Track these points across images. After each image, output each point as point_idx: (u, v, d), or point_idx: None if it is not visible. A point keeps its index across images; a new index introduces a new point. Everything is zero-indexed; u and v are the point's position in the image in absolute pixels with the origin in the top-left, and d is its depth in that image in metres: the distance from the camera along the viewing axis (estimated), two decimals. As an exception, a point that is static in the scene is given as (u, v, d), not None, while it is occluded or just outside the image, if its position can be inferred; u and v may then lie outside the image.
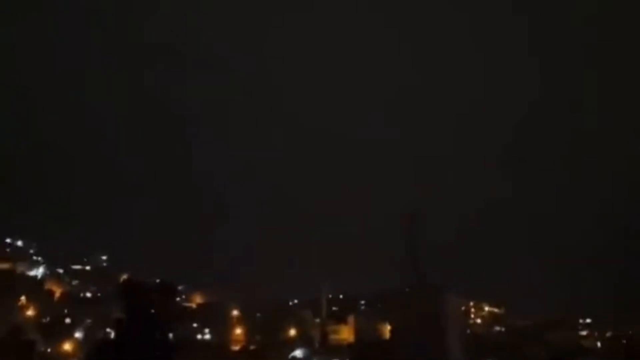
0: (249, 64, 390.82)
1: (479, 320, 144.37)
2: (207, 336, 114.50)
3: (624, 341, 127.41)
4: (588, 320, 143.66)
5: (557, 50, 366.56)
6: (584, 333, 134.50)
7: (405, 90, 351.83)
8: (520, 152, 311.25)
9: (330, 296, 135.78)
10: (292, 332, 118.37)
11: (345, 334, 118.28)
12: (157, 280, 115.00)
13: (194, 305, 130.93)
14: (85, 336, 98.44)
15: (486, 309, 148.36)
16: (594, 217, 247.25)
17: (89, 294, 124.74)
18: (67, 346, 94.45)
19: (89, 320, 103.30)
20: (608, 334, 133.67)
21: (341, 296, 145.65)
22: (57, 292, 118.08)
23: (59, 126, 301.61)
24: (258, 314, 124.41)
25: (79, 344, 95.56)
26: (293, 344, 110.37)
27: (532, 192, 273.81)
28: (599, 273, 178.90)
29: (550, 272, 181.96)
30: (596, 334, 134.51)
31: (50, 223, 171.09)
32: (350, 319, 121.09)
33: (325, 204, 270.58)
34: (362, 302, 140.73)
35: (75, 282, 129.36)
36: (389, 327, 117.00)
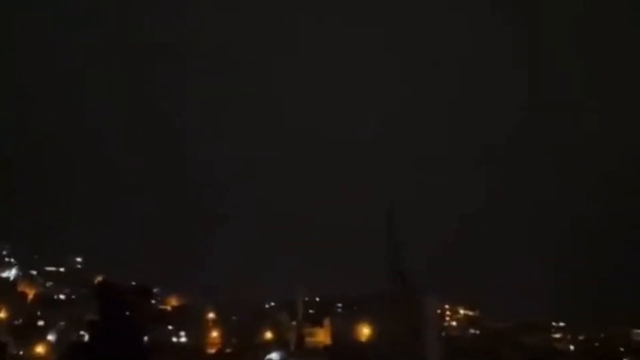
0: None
1: (454, 323, 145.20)
2: (183, 339, 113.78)
3: (597, 344, 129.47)
4: (562, 324, 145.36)
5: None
6: (557, 336, 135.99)
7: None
8: (496, 158, 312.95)
9: (306, 299, 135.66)
10: (268, 334, 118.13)
11: (322, 336, 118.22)
12: (133, 283, 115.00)
13: (169, 308, 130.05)
14: (59, 339, 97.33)
15: (461, 311, 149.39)
16: (566, 222, 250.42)
17: (62, 296, 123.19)
18: (40, 349, 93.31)
19: (62, 323, 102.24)
20: (581, 337, 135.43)
21: (318, 299, 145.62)
22: (30, 293, 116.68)
23: (47, 126, 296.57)
24: (234, 317, 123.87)
25: (51, 346, 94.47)
26: (269, 346, 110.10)
27: (505, 198, 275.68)
28: (572, 277, 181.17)
29: (524, 276, 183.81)
30: (569, 337, 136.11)
31: (24, 224, 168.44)
32: (327, 321, 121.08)
33: (309, 206, 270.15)
34: (339, 305, 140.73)
35: (49, 284, 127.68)
36: (365, 330, 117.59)
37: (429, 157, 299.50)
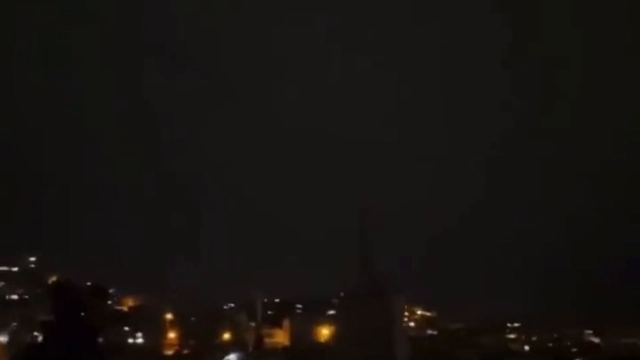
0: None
1: (412, 324, 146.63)
2: (140, 340, 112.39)
3: (551, 344, 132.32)
4: (516, 324, 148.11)
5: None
6: (512, 336, 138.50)
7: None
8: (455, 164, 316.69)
9: (265, 300, 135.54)
10: (227, 335, 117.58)
11: (281, 337, 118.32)
12: (88, 283, 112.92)
13: (126, 309, 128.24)
14: (11, 340, 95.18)
15: (419, 312, 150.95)
16: (520, 224, 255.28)
17: (15, 296, 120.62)
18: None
19: (14, 324, 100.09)
20: (535, 338, 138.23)
21: (277, 300, 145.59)
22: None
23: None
24: (192, 318, 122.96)
25: (4, 347, 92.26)
26: (227, 347, 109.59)
27: (462, 201, 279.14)
28: (526, 279, 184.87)
29: (479, 278, 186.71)
30: (524, 337, 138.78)
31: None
32: (286, 322, 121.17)
33: (268, 206, 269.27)
34: (299, 306, 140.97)
35: (1, 284, 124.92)
36: (325, 331, 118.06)
37: (400, 160, 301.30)
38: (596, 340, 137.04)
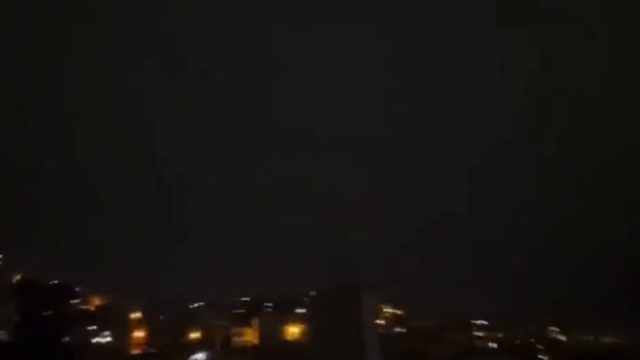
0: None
1: (381, 321, 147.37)
2: (106, 339, 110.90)
3: (517, 341, 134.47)
4: (484, 322, 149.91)
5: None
6: (479, 334, 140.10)
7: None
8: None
9: (234, 299, 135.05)
10: (195, 334, 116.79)
11: (249, 336, 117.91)
12: (55, 282, 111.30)
13: (92, 308, 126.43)
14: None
15: (388, 310, 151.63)
16: (488, 224, 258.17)
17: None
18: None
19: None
20: (501, 335, 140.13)
21: (246, 298, 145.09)
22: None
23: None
24: (160, 317, 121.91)
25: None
26: (195, 346, 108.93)
27: (431, 200, 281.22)
28: (494, 277, 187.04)
29: (447, 276, 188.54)
30: (490, 334, 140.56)
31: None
32: (255, 321, 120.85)
33: (240, 206, 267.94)
34: (268, 304, 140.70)
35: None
36: (293, 329, 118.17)
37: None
38: (561, 337, 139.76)
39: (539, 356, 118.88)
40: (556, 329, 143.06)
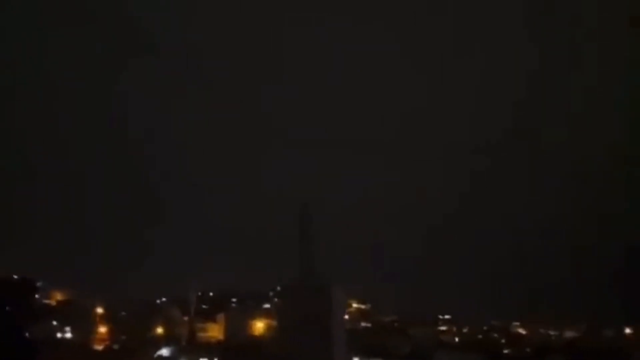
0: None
1: (346, 316, 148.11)
2: (68, 335, 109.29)
3: (480, 336, 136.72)
4: (447, 317, 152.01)
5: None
6: (443, 328, 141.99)
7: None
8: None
9: (200, 294, 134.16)
10: (159, 330, 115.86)
11: (215, 331, 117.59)
12: (14, 276, 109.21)
13: (54, 303, 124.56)
14: None
15: (354, 305, 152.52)
16: (453, 218, 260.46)
17: None
18: None
19: None
20: (465, 330, 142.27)
21: (212, 294, 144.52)
22: None
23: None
24: (124, 312, 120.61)
25: None
26: (159, 342, 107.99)
27: (397, 194, 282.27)
28: (458, 272, 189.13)
29: (412, 271, 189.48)
30: (454, 329, 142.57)
31: None
32: (220, 316, 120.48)
33: (204, 199, 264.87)
34: (234, 300, 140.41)
35: None
36: (259, 324, 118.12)
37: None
38: (522, 331, 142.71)
39: (503, 351, 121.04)
40: (518, 323, 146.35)
